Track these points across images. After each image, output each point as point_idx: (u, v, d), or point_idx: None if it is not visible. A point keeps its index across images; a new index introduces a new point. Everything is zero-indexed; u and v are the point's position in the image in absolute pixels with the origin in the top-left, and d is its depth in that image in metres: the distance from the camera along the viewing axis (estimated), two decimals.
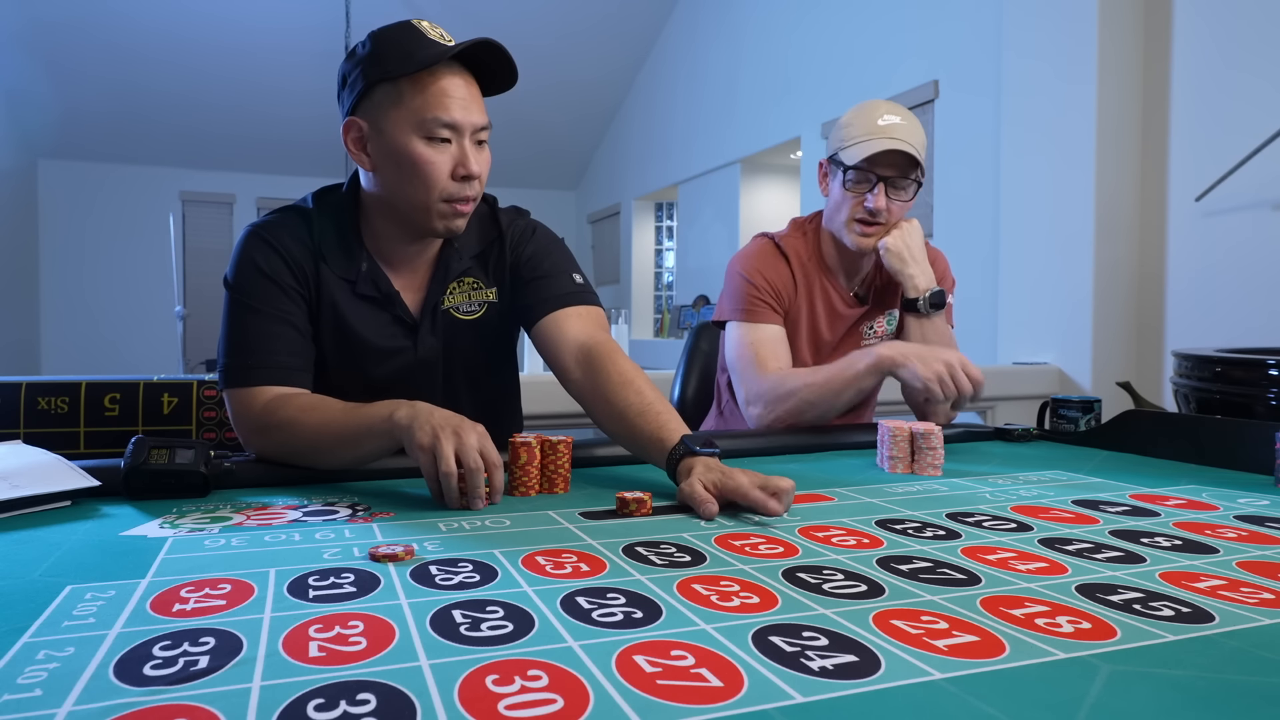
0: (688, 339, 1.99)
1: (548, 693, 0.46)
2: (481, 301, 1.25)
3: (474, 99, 1.11)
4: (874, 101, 1.52)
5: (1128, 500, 0.98)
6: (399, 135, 1.08)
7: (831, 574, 0.68)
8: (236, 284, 1.13)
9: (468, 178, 1.10)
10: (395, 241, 1.18)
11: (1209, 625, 0.57)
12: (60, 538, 0.77)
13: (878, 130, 1.45)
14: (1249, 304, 2.58)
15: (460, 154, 1.10)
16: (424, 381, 1.24)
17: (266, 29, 6.52)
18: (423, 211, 1.12)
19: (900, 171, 1.47)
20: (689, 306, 6.70)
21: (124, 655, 0.50)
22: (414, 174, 1.09)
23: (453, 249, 1.22)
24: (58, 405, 1.43)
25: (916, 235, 1.54)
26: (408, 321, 1.21)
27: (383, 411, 0.97)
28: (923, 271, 1.52)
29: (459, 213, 1.13)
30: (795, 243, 1.59)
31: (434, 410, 0.95)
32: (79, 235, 7.92)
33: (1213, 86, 2.68)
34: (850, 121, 1.50)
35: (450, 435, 0.90)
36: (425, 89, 1.07)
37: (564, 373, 1.16)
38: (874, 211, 1.48)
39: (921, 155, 1.47)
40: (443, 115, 1.07)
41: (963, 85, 3.84)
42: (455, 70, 1.09)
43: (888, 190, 1.48)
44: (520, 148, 8.47)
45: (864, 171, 1.47)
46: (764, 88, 5.67)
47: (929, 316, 1.53)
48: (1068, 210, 2.90)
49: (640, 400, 1.05)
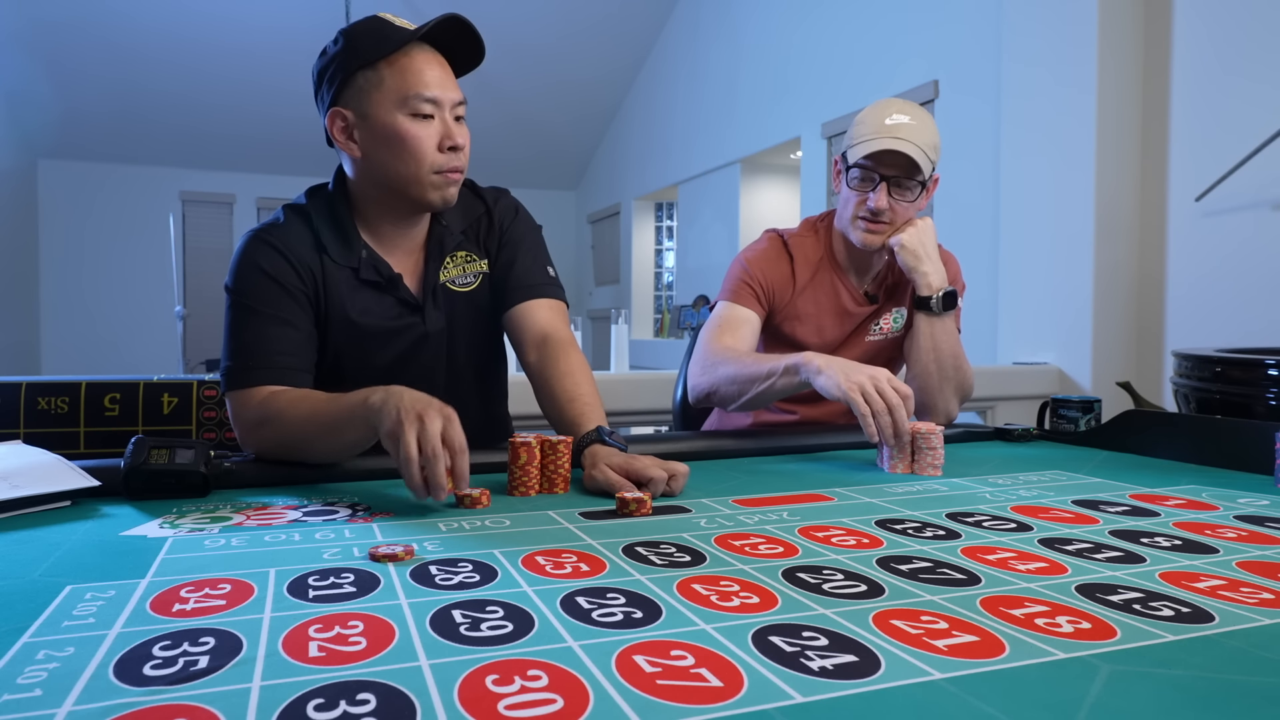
0: (691, 340, 1.98)
1: (548, 693, 0.46)
2: (476, 273, 1.29)
3: (449, 76, 1.17)
4: (889, 100, 1.50)
5: (1128, 500, 0.98)
6: (385, 116, 1.13)
7: (831, 574, 0.68)
8: (237, 287, 1.14)
9: (454, 148, 1.16)
10: (389, 225, 1.22)
11: (1209, 625, 0.57)
12: (60, 538, 0.77)
13: (883, 129, 1.44)
14: (1249, 304, 2.58)
15: (444, 127, 1.15)
16: (431, 358, 1.27)
17: (266, 29, 6.52)
18: (415, 185, 1.16)
19: (904, 172, 1.45)
20: (689, 306, 6.71)
21: (124, 655, 0.50)
22: (403, 150, 1.14)
23: (443, 226, 1.26)
24: (58, 405, 1.43)
25: (930, 233, 1.52)
26: (412, 302, 1.24)
27: (358, 397, 0.97)
28: (936, 270, 1.51)
29: (450, 181, 1.17)
30: (805, 241, 1.59)
31: (404, 393, 0.93)
32: (79, 235, 7.92)
33: (1213, 87, 2.68)
34: (861, 119, 1.49)
35: (413, 421, 0.88)
36: (404, 70, 1.13)
37: (522, 353, 1.26)
38: (874, 211, 1.47)
39: (930, 156, 1.44)
40: (424, 91, 1.12)
41: (963, 85, 3.84)
42: (428, 51, 1.15)
43: (891, 190, 1.46)
44: (520, 148, 8.47)
45: (866, 170, 1.46)
46: (764, 88, 5.67)
47: (940, 315, 1.51)
48: (1068, 211, 2.90)
49: (575, 390, 1.15)
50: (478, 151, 1.84)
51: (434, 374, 1.27)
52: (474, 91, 1.22)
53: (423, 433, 0.88)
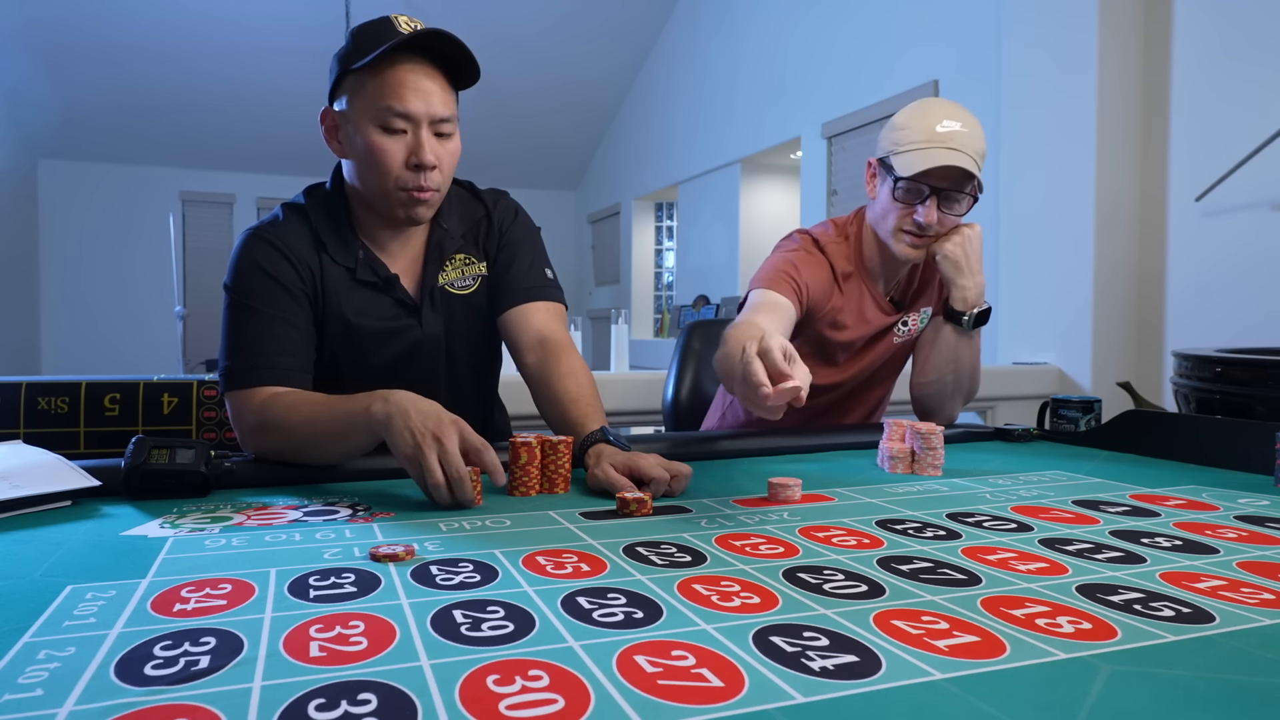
0: (680, 339, 1.95)
1: (548, 693, 0.46)
2: (475, 275, 1.28)
3: (434, 91, 1.12)
4: (935, 101, 1.39)
5: (1128, 500, 0.98)
6: (360, 124, 1.12)
7: (832, 574, 0.68)
8: (236, 286, 1.14)
9: (420, 167, 1.11)
10: (381, 228, 1.21)
11: (1209, 625, 0.57)
12: (61, 538, 0.77)
13: (935, 138, 1.34)
14: (1249, 304, 2.58)
15: (415, 143, 1.11)
16: (428, 361, 1.26)
17: (266, 29, 6.52)
18: (382, 199, 1.15)
19: (955, 184, 1.36)
20: (689, 306, 6.70)
21: (125, 655, 0.50)
22: (369, 162, 1.13)
23: (443, 230, 1.25)
24: (58, 405, 1.43)
25: (976, 244, 1.43)
26: (408, 303, 1.23)
27: (360, 405, 0.97)
28: (975, 284, 1.43)
29: (416, 200, 1.14)
30: (838, 249, 1.50)
31: (409, 408, 0.93)
32: (79, 235, 7.92)
33: (1213, 87, 2.68)
34: (906, 124, 1.38)
35: (431, 443, 0.89)
36: (384, 80, 1.10)
37: (520, 356, 1.25)
38: (923, 226, 1.39)
39: (980, 164, 1.36)
40: (396, 105, 1.09)
41: (962, 85, 3.84)
42: (415, 62, 1.11)
43: (940, 204, 1.38)
44: (520, 148, 8.47)
45: (916, 184, 1.37)
46: (764, 88, 5.67)
47: (969, 334, 1.46)
48: (1068, 210, 2.90)
49: (577, 391, 1.14)
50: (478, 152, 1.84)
51: (432, 376, 1.27)
52: (474, 91, 1.21)
53: (444, 454, 0.89)
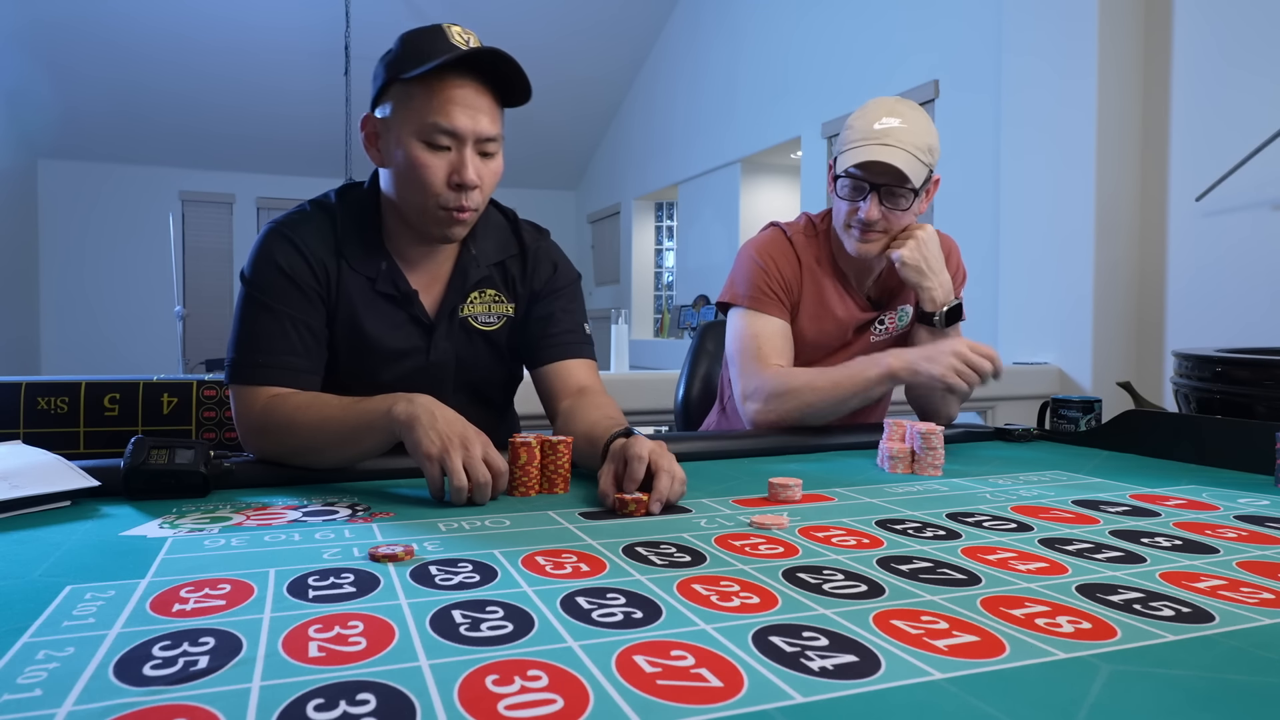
0: (694, 340, 1.96)
1: (548, 693, 0.46)
2: (501, 315, 1.25)
3: (483, 109, 1.09)
4: (880, 100, 1.42)
5: (1128, 500, 0.98)
6: (403, 136, 1.09)
7: (832, 574, 0.68)
8: (253, 280, 1.13)
9: (462, 186, 1.09)
10: (410, 242, 1.18)
11: (1209, 625, 0.57)
12: (60, 538, 0.77)
13: (871, 135, 1.36)
14: (1249, 304, 2.58)
15: (458, 161, 1.08)
16: (433, 381, 1.23)
17: (266, 29, 6.52)
18: (419, 215, 1.12)
19: (894, 180, 1.37)
20: (689, 306, 6.70)
21: (124, 655, 0.50)
22: (410, 177, 1.09)
23: (471, 255, 1.22)
24: (57, 405, 1.43)
25: (933, 245, 1.45)
26: (424, 322, 1.20)
27: (381, 406, 0.98)
28: (940, 284, 1.46)
29: (456, 220, 1.12)
30: (806, 242, 1.53)
31: (435, 412, 0.95)
32: (79, 235, 7.92)
33: (1213, 86, 2.67)
34: (851, 123, 1.42)
35: (458, 448, 0.92)
36: (433, 94, 1.06)
37: (553, 404, 1.24)
38: (866, 222, 1.40)
39: (924, 159, 1.36)
40: (443, 121, 1.06)
41: (963, 85, 3.84)
42: (466, 78, 1.07)
43: (882, 199, 1.39)
44: (520, 148, 8.45)
45: (856, 179, 1.39)
46: (764, 88, 5.67)
47: (943, 331, 1.47)
48: (1068, 210, 2.90)
49: (605, 417, 1.10)
50: None
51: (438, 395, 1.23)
52: None
53: (468, 459, 0.91)
